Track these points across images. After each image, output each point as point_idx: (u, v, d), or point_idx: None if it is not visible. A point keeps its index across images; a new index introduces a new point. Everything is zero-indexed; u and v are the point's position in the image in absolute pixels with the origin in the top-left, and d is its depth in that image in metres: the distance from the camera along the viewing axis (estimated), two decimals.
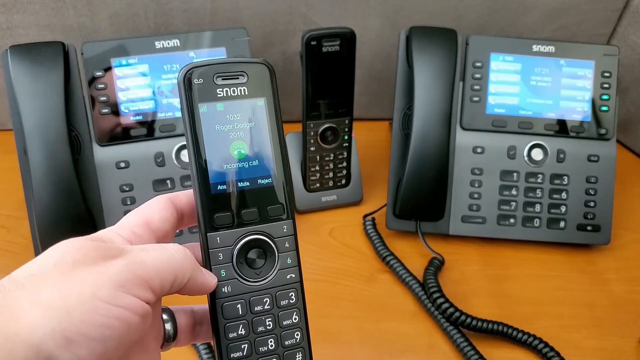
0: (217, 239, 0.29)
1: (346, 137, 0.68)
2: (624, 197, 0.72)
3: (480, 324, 0.54)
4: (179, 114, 0.63)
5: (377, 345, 0.55)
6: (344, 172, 0.70)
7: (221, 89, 0.29)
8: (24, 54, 0.56)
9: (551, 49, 0.65)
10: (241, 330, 0.29)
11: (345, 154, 0.69)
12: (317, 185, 0.70)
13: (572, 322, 0.58)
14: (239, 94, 0.30)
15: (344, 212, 0.71)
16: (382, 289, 0.61)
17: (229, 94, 0.29)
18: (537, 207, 0.65)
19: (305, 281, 0.31)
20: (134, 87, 0.61)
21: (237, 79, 0.30)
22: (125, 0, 0.68)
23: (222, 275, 0.29)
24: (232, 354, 0.29)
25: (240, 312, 0.30)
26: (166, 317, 0.30)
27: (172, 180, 0.62)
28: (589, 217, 0.65)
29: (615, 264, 0.65)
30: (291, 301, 0.31)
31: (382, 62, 0.79)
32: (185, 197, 0.31)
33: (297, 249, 0.31)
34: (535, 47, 0.65)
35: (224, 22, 0.72)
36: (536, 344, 0.53)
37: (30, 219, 0.57)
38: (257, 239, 0.30)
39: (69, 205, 0.55)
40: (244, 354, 0.30)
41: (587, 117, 0.66)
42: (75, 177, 0.55)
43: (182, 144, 0.62)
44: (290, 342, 0.31)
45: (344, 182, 0.70)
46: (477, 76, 0.65)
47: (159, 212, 0.30)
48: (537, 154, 0.65)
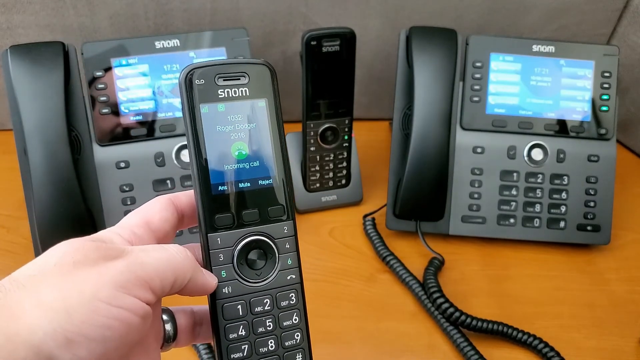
0: (218, 239, 0.29)
1: (346, 137, 0.68)
2: (624, 197, 0.72)
3: (480, 324, 0.54)
4: (179, 114, 0.63)
5: (377, 345, 0.55)
6: (344, 172, 0.70)
7: (222, 90, 0.29)
8: (24, 54, 0.56)
9: (551, 49, 0.65)
10: (241, 330, 0.30)
11: (345, 154, 0.69)
12: (317, 185, 0.70)
13: (572, 322, 0.58)
14: (240, 95, 0.30)
15: (344, 212, 0.71)
16: (382, 289, 0.61)
17: (230, 95, 0.29)
18: (537, 207, 0.65)
19: (305, 281, 0.31)
20: (134, 87, 0.61)
21: (239, 79, 0.30)
22: (125, 0, 0.68)
23: (222, 276, 0.29)
24: (232, 355, 0.29)
25: (240, 313, 0.30)
26: (166, 317, 0.31)
27: (172, 180, 0.62)
28: (589, 217, 0.65)
29: (615, 264, 0.65)
30: (291, 302, 0.31)
31: (382, 62, 0.79)
32: (185, 198, 0.31)
33: (298, 250, 0.31)
34: (535, 47, 0.65)
35: (224, 22, 0.72)
36: (536, 344, 0.53)
37: (30, 219, 0.57)
38: (257, 240, 0.30)
39: (69, 205, 0.55)
40: (244, 354, 0.30)
41: (587, 117, 0.66)
42: (75, 177, 0.55)
43: (182, 144, 0.62)
44: (290, 343, 0.31)
45: (344, 182, 0.70)
46: (477, 76, 0.65)
47: (160, 212, 0.30)
48: (537, 154, 0.65)
